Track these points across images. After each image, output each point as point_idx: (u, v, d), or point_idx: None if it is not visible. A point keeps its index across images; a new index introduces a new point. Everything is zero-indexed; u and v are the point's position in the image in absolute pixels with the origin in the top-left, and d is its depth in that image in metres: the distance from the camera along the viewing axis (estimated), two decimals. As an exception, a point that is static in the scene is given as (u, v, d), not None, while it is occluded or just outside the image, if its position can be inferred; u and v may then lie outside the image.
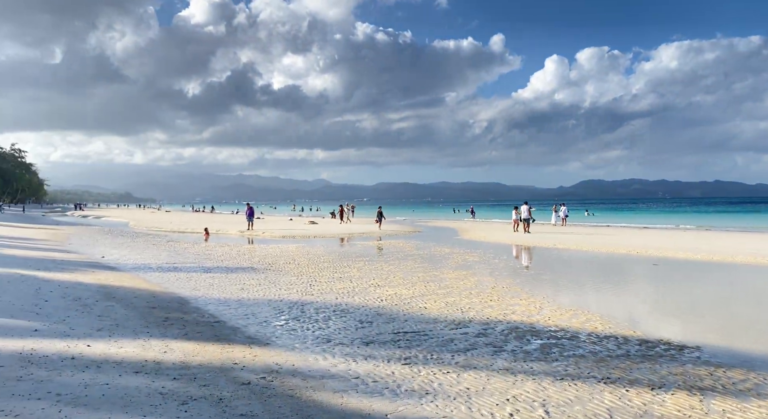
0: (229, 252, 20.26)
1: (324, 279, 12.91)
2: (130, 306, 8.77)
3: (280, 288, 11.44)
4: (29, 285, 10.12)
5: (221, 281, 12.56)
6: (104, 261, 16.87)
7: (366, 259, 17.29)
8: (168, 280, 12.68)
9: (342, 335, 7.46)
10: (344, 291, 11.06)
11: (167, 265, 15.88)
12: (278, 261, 16.92)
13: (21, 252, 17.72)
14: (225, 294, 10.80)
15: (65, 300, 8.86)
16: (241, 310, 9.15)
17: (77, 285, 10.77)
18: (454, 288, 11.56)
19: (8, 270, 12.34)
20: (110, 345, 6.20)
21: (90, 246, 22.52)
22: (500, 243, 23.96)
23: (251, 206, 34.00)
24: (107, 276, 12.76)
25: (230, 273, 14.15)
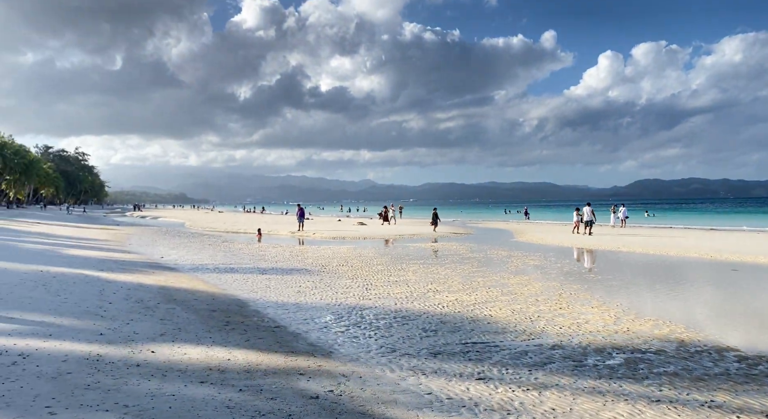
0: (282, 253, 20.30)
1: (380, 282, 12.59)
2: (190, 309, 8.71)
3: (337, 292, 11.20)
4: (93, 287, 10.28)
5: (277, 283, 12.45)
6: (163, 261, 17.17)
7: (420, 262, 16.88)
8: (225, 282, 12.68)
9: (407, 344, 7.09)
10: (403, 296, 10.69)
11: (223, 266, 15.99)
12: (331, 263, 16.75)
13: (85, 252, 18.30)
14: (282, 297, 10.65)
15: (128, 303, 8.90)
16: (300, 315, 8.93)
17: (139, 286, 10.88)
18: (518, 294, 10.99)
19: (73, 270, 12.66)
20: (174, 351, 6.06)
21: (149, 247, 23.11)
22: (560, 246, 23.01)
23: (302, 207, 34.17)
24: (167, 277, 12.89)
25: (285, 274, 14.05)
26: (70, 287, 9.96)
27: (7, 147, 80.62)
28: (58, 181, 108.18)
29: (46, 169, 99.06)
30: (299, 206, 34.11)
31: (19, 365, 5.09)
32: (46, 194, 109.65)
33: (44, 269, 12.29)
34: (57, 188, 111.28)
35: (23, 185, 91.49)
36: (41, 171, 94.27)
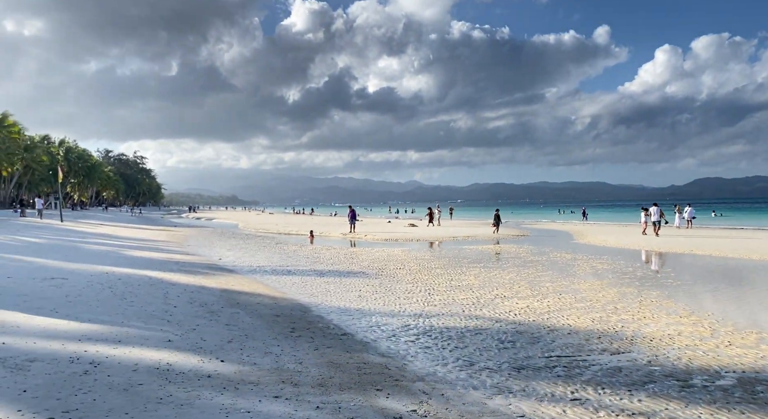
0: (337, 255, 20.10)
1: (442, 287, 12.09)
2: (254, 314, 8.49)
3: (399, 297, 10.78)
4: (158, 289, 10.26)
5: (336, 287, 12.16)
6: (221, 263, 17.26)
7: (480, 265, 16.26)
8: (285, 285, 12.51)
9: (485, 357, 6.57)
10: (469, 303, 10.16)
11: (281, 268, 15.88)
12: (388, 265, 16.37)
13: (146, 253, 18.66)
14: (344, 301, 10.33)
15: (192, 307, 8.78)
16: (365, 321, 8.56)
17: (201, 289, 10.81)
18: (593, 301, 10.25)
19: (137, 271, 12.80)
20: (243, 360, 5.79)
21: (207, 248, 23.44)
22: (627, 249, 21.81)
23: (353, 209, 34.03)
24: (227, 279, 12.84)
25: (343, 277, 13.77)
26: (136, 289, 9.97)
27: (71, 151, 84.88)
28: (118, 183, 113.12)
29: (107, 172, 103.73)
30: (350, 208, 33.97)
31: (91, 374, 4.92)
32: (107, 196, 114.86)
33: (110, 270, 12.47)
34: (117, 190, 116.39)
35: (86, 188, 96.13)
36: (103, 174, 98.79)
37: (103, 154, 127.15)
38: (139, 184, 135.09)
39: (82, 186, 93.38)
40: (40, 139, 76.12)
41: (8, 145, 57.03)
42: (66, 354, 5.47)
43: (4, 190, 67.40)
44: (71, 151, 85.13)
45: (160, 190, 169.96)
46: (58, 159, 72.30)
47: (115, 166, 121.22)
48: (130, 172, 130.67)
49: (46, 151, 73.05)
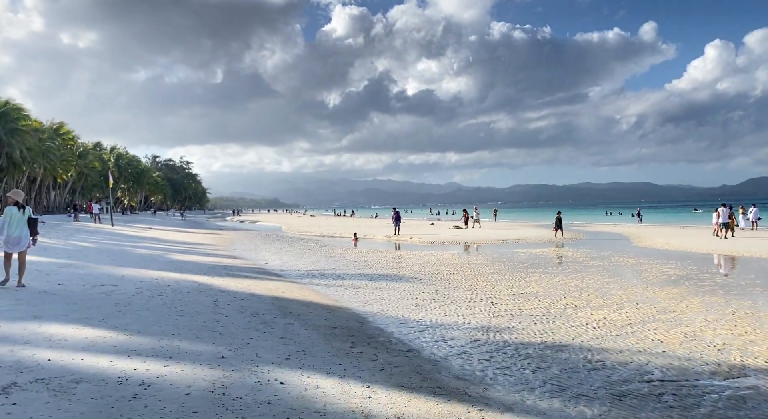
0: (384, 259, 19.46)
1: (504, 295, 11.25)
2: (309, 326, 7.91)
3: (460, 307, 10.01)
4: (207, 297, 9.85)
5: (391, 294, 11.49)
6: (269, 267, 16.90)
7: (539, 271, 15.28)
8: (336, 292, 11.93)
9: (575, 381, 5.76)
10: (539, 314, 9.31)
11: (329, 273, 15.36)
12: (440, 270, 15.61)
13: (194, 257, 18.51)
14: (401, 311, 9.64)
15: (244, 316, 8.27)
16: (429, 335, 7.85)
17: (251, 296, 10.34)
18: (677, 312, 9.22)
19: (186, 277, 12.49)
20: (304, 382, 5.17)
21: (253, 252, 23.24)
22: (695, 252, 20.29)
23: (398, 211, 33.36)
24: (276, 285, 12.37)
25: (396, 283, 13.10)
26: (185, 297, 9.58)
27: (121, 157, 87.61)
28: (165, 188, 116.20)
29: (155, 177, 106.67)
30: (395, 210, 33.29)
31: (141, 399, 4.39)
32: (155, 200, 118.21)
33: (159, 276, 12.20)
34: (165, 195, 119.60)
35: (135, 192, 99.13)
36: (151, 179, 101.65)
37: (151, 159, 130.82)
38: (186, 189, 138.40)
39: (132, 191, 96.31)
40: (93, 145, 78.84)
41: (63, 152, 59.17)
42: (114, 373, 4.99)
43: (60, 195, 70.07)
44: (121, 157, 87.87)
45: (205, 194, 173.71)
46: (109, 165, 74.69)
47: (163, 171, 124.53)
48: (176, 177, 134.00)
49: (98, 157, 75.58)
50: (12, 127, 47.47)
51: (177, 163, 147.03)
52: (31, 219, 9.37)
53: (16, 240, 9.20)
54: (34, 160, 51.81)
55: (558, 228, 29.54)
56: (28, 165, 51.30)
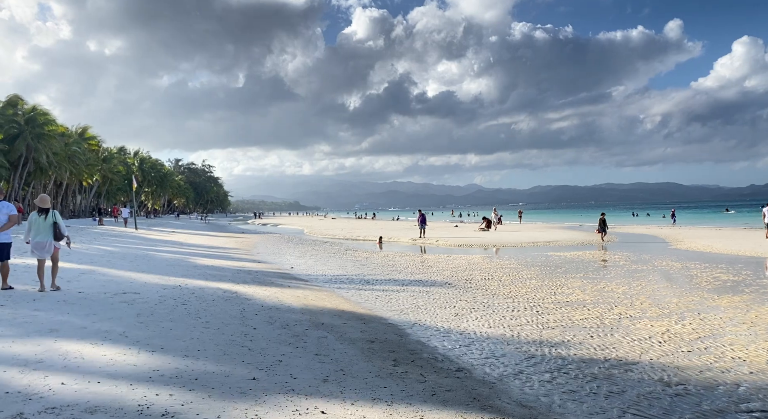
0: (413, 263, 18.76)
1: (548, 303, 10.45)
2: (345, 339, 7.25)
3: (504, 317, 9.26)
4: (233, 305, 9.26)
5: (426, 301, 10.79)
6: (294, 272, 16.33)
7: (579, 276, 14.41)
8: (368, 299, 11.27)
9: (659, 410, 4.97)
10: (593, 325, 8.50)
11: (357, 278, 14.72)
12: (473, 275, 14.84)
13: (218, 262, 18.05)
14: (440, 321, 8.93)
15: (273, 328, 7.65)
16: (476, 350, 7.13)
17: (279, 305, 9.73)
18: (748, 323, 8.33)
19: (210, 284, 11.96)
20: (348, 412, 4.50)
21: (276, 255, 22.74)
22: (742, 256, 19.10)
23: (423, 213, 32.60)
24: (304, 292, 11.76)
25: (429, 289, 12.39)
26: (210, 306, 9.00)
27: (145, 161, 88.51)
28: (188, 191, 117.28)
29: (178, 181, 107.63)
30: (420, 212, 32.53)
31: (163, 435, 3.77)
32: (178, 204, 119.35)
33: (182, 283, 11.69)
34: (187, 198, 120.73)
35: (159, 196, 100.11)
36: (174, 183, 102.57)
37: (174, 163, 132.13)
38: (208, 192, 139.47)
39: (155, 194, 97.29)
40: (117, 150, 79.75)
41: (88, 157, 59.78)
42: (134, 401, 4.38)
43: (85, 199, 70.95)
44: (145, 161, 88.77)
45: (227, 198, 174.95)
46: (133, 169, 75.42)
47: (185, 175, 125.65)
48: (198, 181, 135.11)
49: (122, 161, 76.43)
50: (38, 131, 48.03)
51: (199, 167, 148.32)
52: (54, 224, 9.25)
53: (41, 245, 9.13)
54: (60, 165, 52.39)
55: (602, 230, 27.44)
56: (54, 169, 51.86)
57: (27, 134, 46.99)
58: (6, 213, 8.90)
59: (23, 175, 48.60)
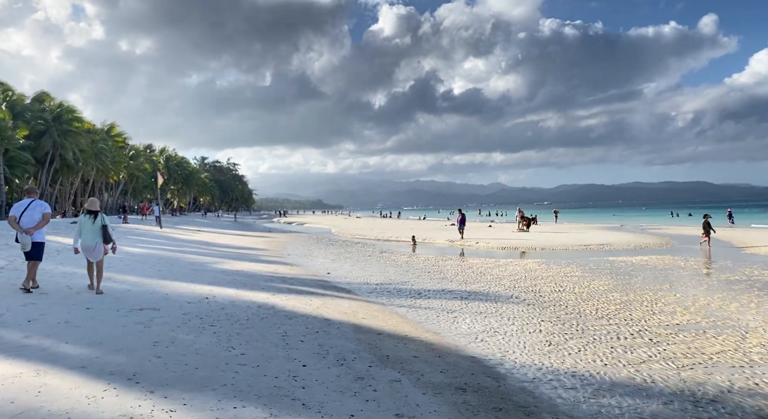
0: (460, 269, 16.85)
1: (654, 326, 8.47)
2: (427, 386, 5.43)
3: (613, 348, 7.31)
4: (272, 327, 7.53)
5: (501, 322, 8.91)
6: (333, 279, 14.60)
7: (666, 287, 12.33)
8: (428, 317, 9.43)
9: None
10: (738, 362, 6.51)
11: (405, 288, 12.91)
12: (539, 286, 12.90)
13: (247, 265, 16.43)
14: (534, 353, 7.05)
15: (327, 364, 5.88)
16: (608, 404, 5.23)
17: (326, 325, 7.96)
18: None
19: (241, 294, 10.28)
20: None
21: (308, 258, 21.09)
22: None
23: (463, 213, 30.56)
24: (351, 306, 9.99)
25: (495, 304, 10.50)
26: (244, 329, 7.28)
27: (171, 159, 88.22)
28: (213, 189, 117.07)
29: (204, 179, 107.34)
30: (460, 212, 30.47)
31: None
32: (203, 202, 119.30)
33: (210, 293, 10.03)
34: (212, 196, 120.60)
35: (185, 194, 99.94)
36: (199, 180, 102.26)
37: (199, 161, 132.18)
38: (233, 190, 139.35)
39: (181, 192, 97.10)
40: (144, 148, 79.47)
41: (115, 154, 59.27)
42: None
43: (112, 197, 70.71)
44: (171, 158, 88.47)
45: (251, 196, 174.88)
46: (159, 166, 74.97)
47: (211, 173, 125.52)
48: (224, 179, 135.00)
49: (148, 158, 76.04)
50: (65, 128, 47.44)
51: (224, 165, 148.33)
52: (103, 227, 9.14)
53: (90, 248, 9.00)
54: (87, 162, 51.83)
55: (707, 234, 23.24)
56: (81, 166, 51.32)
57: (53, 131, 46.41)
58: (40, 212, 8.72)
59: (50, 171, 48.10)
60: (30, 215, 8.62)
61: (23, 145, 41.97)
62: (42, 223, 8.68)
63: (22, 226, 8.51)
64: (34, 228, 8.58)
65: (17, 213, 8.58)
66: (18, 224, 8.52)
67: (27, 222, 8.58)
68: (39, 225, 8.63)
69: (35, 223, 8.61)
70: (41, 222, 8.67)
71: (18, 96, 46.15)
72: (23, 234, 8.47)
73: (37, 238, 8.62)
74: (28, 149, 43.58)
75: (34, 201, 8.75)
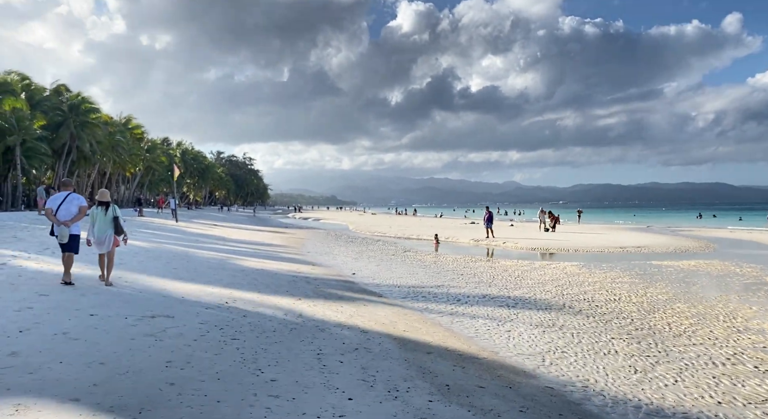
0: (495, 271, 15.63)
1: (749, 348, 7.22)
2: (510, 432, 4.27)
3: (714, 377, 6.09)
4: (303, 342, 6.42)
5: (563, 339, 7.72)
6: (358, 280, 13.50)
7: (735, 297, 11.02)
8: (477, 330, 8.26)
9: None
10: None
11: (440, 292, 11.76)
12: (589, 293, 11.66)
13: (267, 264, 15.39)
14: (622, 384, 5.85)
15: (376, 394, 4.75)
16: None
17: (365, 339, 6.84)
18: None
19: (264, 299, 9.20)
20: None
21: (329, 256, 20.02)
22: None
23: (491, 211, 29.25)
24: (387, 314, 8.86)
25: (548, 314, 9.31)
26: (272, 344, 6.19)
27: (187, 153, 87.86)
28: (229, 183, 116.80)
29: (220, 173, 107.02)
30: (488, 210, 29.13)
31: None
32: (218, 196, 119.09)
33: (229, 296, 8.97)
34: (228, 190, 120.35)
35: (200, 188, 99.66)
36: (215, 174, 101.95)
37: (215, 155, 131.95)
38: (248, 185, 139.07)
39: (197, 186, 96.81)
40: (160, 141, 79.13)
41: (132, 147, 58.82)
42: None
43: (129, 189, 70.42)
44: (187, 152, 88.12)
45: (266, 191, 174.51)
46: (175, 160, 74.53)
47: (226, 167, 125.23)
48: (239, 173, 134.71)
49: (165, 152, 75.65)
50: (82, 119, 46.89)
51: (240, 160, 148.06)
52: (114, 218, 9.05)
53: (101, 240, 8.92)
54: (104, 154, 51.35)
55: None
56: (98, 158, 50.85)
57: (71, 122, 45.88)
58: (77, 205, 8.72)
59: (67, 163, 47.66)
60: (67, 208, 8.64)
61: (40, 135, 41.46)
62: (79, 216, 8.73)
63: (59, 219, 8.54)
64: (71, 220, 8.60)
65: (54, 205, 8.61)
66: (55, 216, 8.54)
67: (64, 215, 8.61)
68: (76, 218, 8.67)
69: (72, 216, 8.64)
70: (78, 215, 8.71)
71: (36, 87, 45.71)
72: (61, 227, 8.50)
73: (73, 231, 8.66)
74: (46, 140, 43.10)
75: (71, 194, 8.80)
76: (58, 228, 8.59)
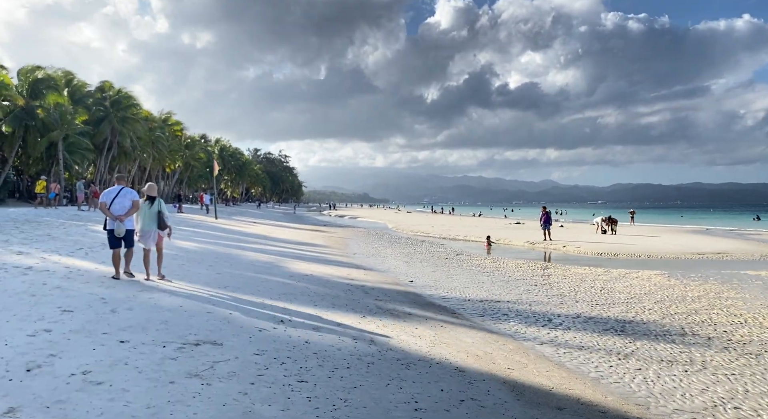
0: (572, 282, 13.79)
1: None
2: None
3: None
4: (390, 386, 4.87)
5: (724, 388, 5.94)
6: (420, 290, 11.92)
7: None
8: (598, 368, 6.54)
9: None
10: None
11: (522, 309, 10.06)
12: (701, 314, 9.77)
13: (315, 267, 13.94)
14: None
15: None
16: None
17: (470, 388, 5.23)
18: None
19: (324, 314, 7.70)
20: None
21: (378, 259, 18.49)
22: None
23: (548, 211, 27.14)
24: (475, 342, 7.22)
25: (672, 345, 7.51)
26: (351, 390, 4.64)
27: (225, 150, 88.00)
28: (265, 180, 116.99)
29: (256, 170, 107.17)
30: (544, 209, 27.06)
31: None
32: (254, 193, 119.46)
33: (284, 312, 7.49)
34: (264, 187, 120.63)
35: (237, 184, 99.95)
36: (252, 171, 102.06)
37: (252, 152, 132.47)
38: (283, 182, 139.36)
39: (234, 182, 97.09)
40: (199, 137, 79.34)
41: (171, 143, 58.77)
42: None
43: (168, 185, 70.71)
44: (225, 149, 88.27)
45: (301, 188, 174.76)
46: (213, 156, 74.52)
47: (263, 165, 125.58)
48: (275, 170, 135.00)
49: (203, 148, 75.77)
50: (123, 115, 46.78)
51: (275, 157, 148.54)
52: (159, 212, 9.02)
53: (147, 234, 8.97)
54: (144, 149, 51.29)
55: None
56: (138, 154, 50.80)
57: (112, 117, 45.81)
58: (130, 199, 8.68)
59: (108, 158, 47.67)
60: (120, 202, 8.60)
61: (82, 131, 41.39)
62: (132, 210, 8.69)
63: (113, 213, 8.53)
64: (125, 215, 8.58)
65: (108, 200, 8.59)
66: (109, 211, 8.53)
67: (118, 209, 8.58)
68: (129, 212, 8.65)
69: (126, 210, 8.61)
70: (131, 209, 8.68)
71: (79, 82, 45.77)
72: (117, 222, 8.48)
73: (127, 225, 8.65)
74: (88, 135, 43.06)
75: (124, 188, 8.73)
76: (112, 223, 8.55)
